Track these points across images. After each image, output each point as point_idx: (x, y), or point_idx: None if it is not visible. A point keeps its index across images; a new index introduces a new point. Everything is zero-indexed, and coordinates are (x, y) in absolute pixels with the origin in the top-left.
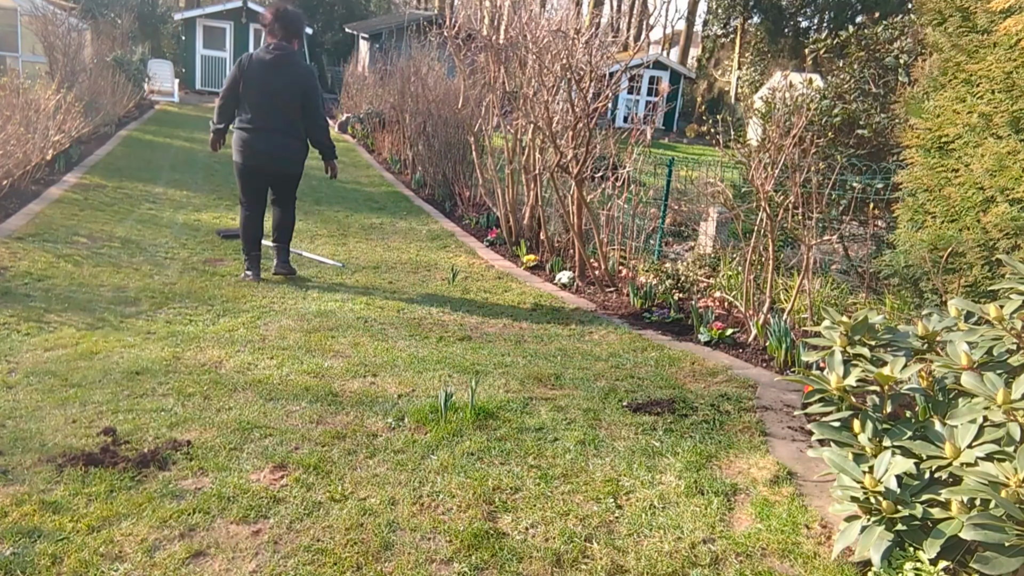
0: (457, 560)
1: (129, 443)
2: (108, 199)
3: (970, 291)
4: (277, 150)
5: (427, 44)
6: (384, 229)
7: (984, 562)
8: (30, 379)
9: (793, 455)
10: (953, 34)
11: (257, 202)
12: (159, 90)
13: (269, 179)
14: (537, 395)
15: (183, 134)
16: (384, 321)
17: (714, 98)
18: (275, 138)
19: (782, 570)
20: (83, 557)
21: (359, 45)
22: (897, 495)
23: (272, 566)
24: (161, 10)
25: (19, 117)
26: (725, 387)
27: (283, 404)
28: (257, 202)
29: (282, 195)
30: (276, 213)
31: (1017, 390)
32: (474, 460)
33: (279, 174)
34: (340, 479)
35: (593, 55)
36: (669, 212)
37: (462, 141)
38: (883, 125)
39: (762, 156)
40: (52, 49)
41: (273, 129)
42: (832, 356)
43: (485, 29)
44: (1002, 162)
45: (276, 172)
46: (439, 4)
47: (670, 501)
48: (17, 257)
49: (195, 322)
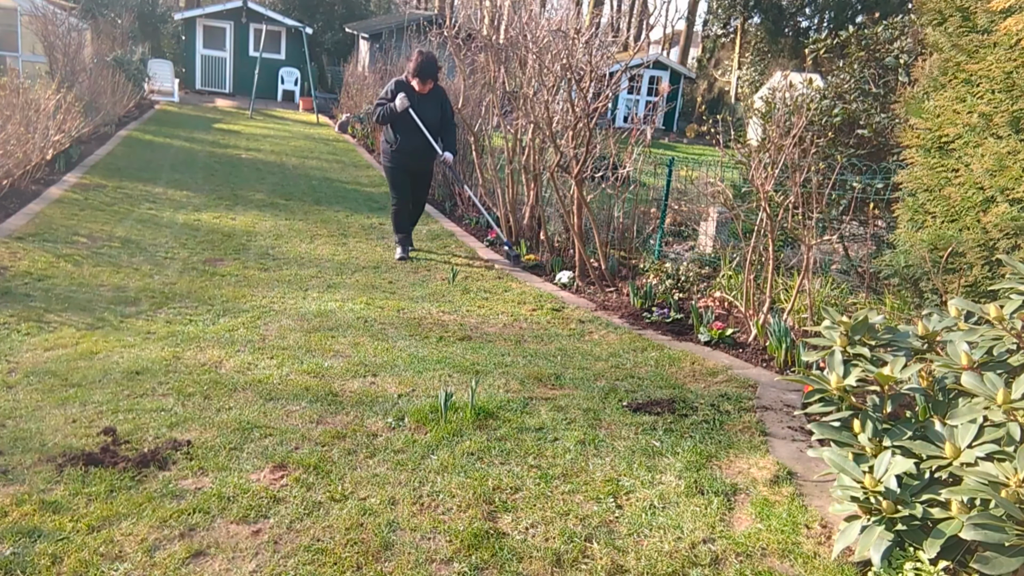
0: (457, 560)
1: (129, 443)
2: (108, 199)
3: (970, 291)
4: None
5: (427, 44)
6: (384, 229)
7: (984, 562)
8: (30, 379)
9: (793, 455)
10: (953, 34)
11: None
12: (159, 90)
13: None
14: (537, 395)
15: (183, 134)
16: (384, 321)
17: (714, 98)
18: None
19: (782, 570)
20: (83, 557)
21: (359, 45)
22: (897, 495)
23: (272, 566)
24: (161, 10)
25: (19, 117)
26: (725, 387)
27: (283, 404)
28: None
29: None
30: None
31: (1017, 390)
32: (474, 460)
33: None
34: (340, 479)
35: (593, 55)
36: (669, 212)
37: (462, 141)
38: (883, 125)
39: (762, 156)
40: (52, 49)
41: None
42: (832, 356)
43: (485, 29)
44: (1002, 162)
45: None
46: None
47: (670, 501)
48: (17, 257)
49: (195, 322)
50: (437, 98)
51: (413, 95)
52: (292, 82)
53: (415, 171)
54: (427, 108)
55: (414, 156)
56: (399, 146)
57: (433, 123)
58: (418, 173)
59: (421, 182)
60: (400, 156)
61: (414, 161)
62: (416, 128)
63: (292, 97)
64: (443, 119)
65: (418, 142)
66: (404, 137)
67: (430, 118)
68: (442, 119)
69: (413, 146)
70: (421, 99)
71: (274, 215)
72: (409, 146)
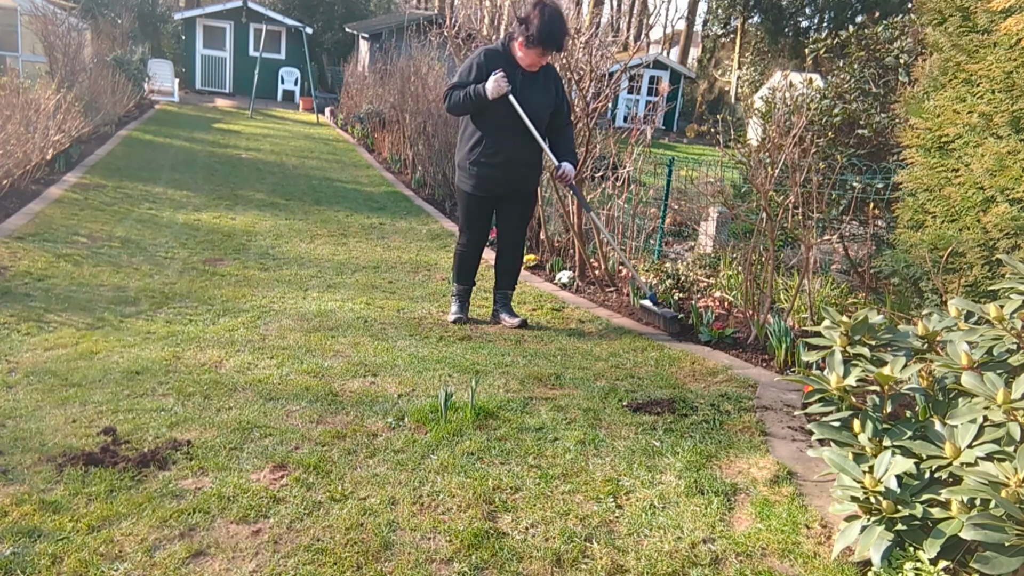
0: (457, 560)
1: (129, 443)
2: (108, 199)
3: (970, 291)
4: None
5: (427, 44)
6: (384, 229)
7: (984, 562)
8: (30, 379)
9: (793, 455)
10: (953, 34)
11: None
12: (159, 90)
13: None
14: (537, 395)
15: (183, 134)
16: (384, 321)
17: (714, 98)
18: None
19: (782, 570)
20: (83, 557)
21: (359, 45)
22: (897, 495)
23: (272, 566)
24: (161, 10)
25: (19, 117)
26: (725, 387)
27: (283, 404)
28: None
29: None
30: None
31: (1017, 390)
32: (474, 460)
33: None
34: (340, 479)
35: (593, 55)
36: (669, 212)
37: None
38: (883, 125)
39: (762, 156)
40: (52, 49)
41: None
42: (832, 356)
43: (485, 29)
44: (1002, 162)
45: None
46: (439, 4)
47: (670, 501)
48: (17, 257)
49: (195, 322)
50: (547, 80)
51: (514, 74)
52: (292, 82)
53: (510, 195)
54: (534, 94)
55: (511, 172)
56: (487, 155)
57: (540, 118)
58: (514, 198)
59: (519, 211)
60: (488, 172)
61: (510, 178)
62: (517, 125)
63: (292, 97)
64: (556, 113)
65: (519, 148)
66: (495, 140)
67: (537, 110)
68: (555, 114)
69: (510, 155)
70: (526, 80)
71: (274, 215)
72: (503, 155)
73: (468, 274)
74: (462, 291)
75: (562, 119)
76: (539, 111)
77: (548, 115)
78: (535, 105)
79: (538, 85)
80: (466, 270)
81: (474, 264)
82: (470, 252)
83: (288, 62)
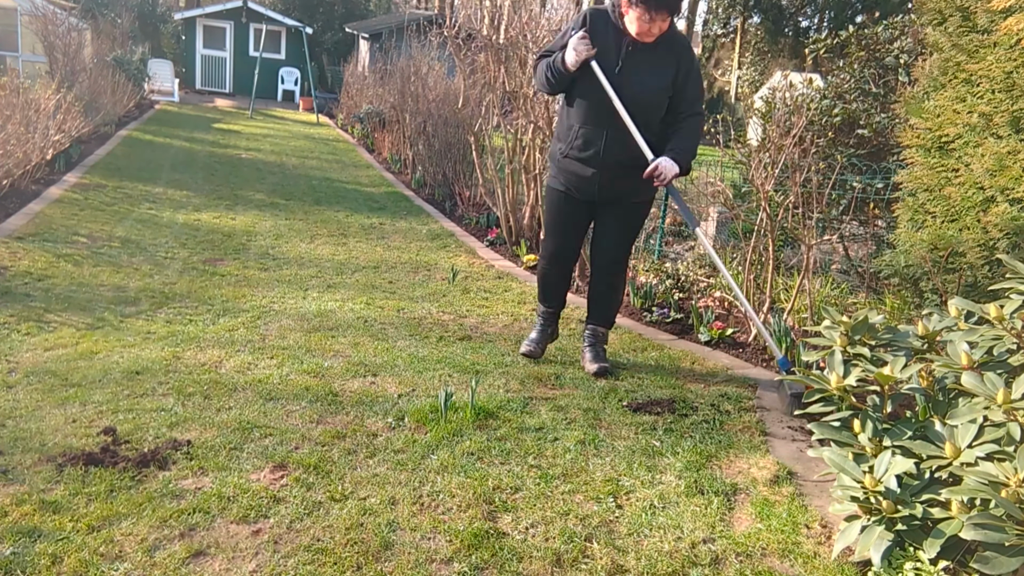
0: (457, 560)
1: (129, 443)
2: (108, 199)
3: (970, 291)
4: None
5: (427, 44)
6: (384, 229)
7: (984, 562)
8: (30, 379)
9: (793, 455)
10: (953, 34)
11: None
12: (159, 90)
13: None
14: (537, 395)
15: (183, 134)
16: (384, 321)
17: (714, 98)
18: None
19: (782, 570)
20: (83, 557)
21: (359, 45)
22: (897, 495)
23: (272, 566)
24: (161, 10)
25: (19, 117)
26: (725, 387)
27: (283, 404)
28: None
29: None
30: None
31: (1017, 390)
32: (474, 460)
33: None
34: (340, 479)
35: None
36: (669, 212)
37: (462, 141)
38: (883, 125)
39: (762, 156)
40: (52, 49)
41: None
42: (832, 356)
43: (485, 29)
44: (1002, 162)
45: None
46: (439, 4)
47: (670, 501)
48: (17, 257)
49: (195, 322)
50: (667, 57)
51: (618, 44)
52: (292, 82)
53: (607, 203)
54: (641, 73)
55: (605, 172)
56: (576, 147)
57: (647, 103)
58: (612, 208)
59: (615, 226)
60: (577, 169)
61: (604, 180)
62: (605, 107)
63: (292, 97)
64: (676, 101)
65: (616, 143)
66: (587, 131)
67: (642, 93)
68: (674, 101)
69: (604, 150)
70: (634, 54)
71: (274, 215)
72: (594, 149)
73: (548, 293)
74: (544, 314)
75: (684, 106)
76: (645, 94)
77: (661, 101)
78: (640, 86)
79: (651, 62)
80: (544, 287)
81: (555, 281)
82: (549, 265)
83: (288, 62)
